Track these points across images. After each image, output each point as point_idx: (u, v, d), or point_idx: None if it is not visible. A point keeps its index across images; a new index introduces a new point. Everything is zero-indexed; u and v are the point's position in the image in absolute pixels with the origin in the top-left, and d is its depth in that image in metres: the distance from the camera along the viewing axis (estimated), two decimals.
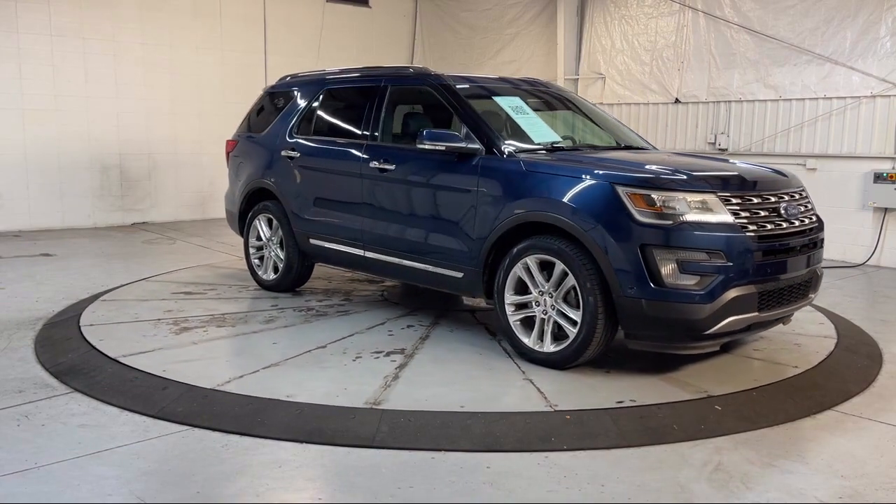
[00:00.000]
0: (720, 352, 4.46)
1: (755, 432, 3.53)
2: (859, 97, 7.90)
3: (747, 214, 4.02)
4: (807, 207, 4.46)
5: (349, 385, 3.94)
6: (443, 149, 4.68)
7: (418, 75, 5.34)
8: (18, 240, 8.83)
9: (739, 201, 4.03)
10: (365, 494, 2.89)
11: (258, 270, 6.27)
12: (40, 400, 3.79)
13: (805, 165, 8.23)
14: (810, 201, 4.57)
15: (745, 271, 3.90)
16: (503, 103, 5.07)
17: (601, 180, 4.07)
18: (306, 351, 4.51)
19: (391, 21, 12.64)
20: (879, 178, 7.69)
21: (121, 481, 2.95)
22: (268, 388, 3.85)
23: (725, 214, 3.94)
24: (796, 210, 4.29)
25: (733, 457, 3.26)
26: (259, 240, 6.26)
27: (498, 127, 4.87)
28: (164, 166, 10.59)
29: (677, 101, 9.50)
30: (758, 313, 4.01)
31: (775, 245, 4.06)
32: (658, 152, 5.49)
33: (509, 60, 11.47)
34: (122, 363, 4.23)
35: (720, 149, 9.00)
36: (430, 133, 4.66)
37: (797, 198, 4.41)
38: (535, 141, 4.81)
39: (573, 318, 4.11)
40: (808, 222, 4.36)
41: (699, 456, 3.27)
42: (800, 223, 4.28)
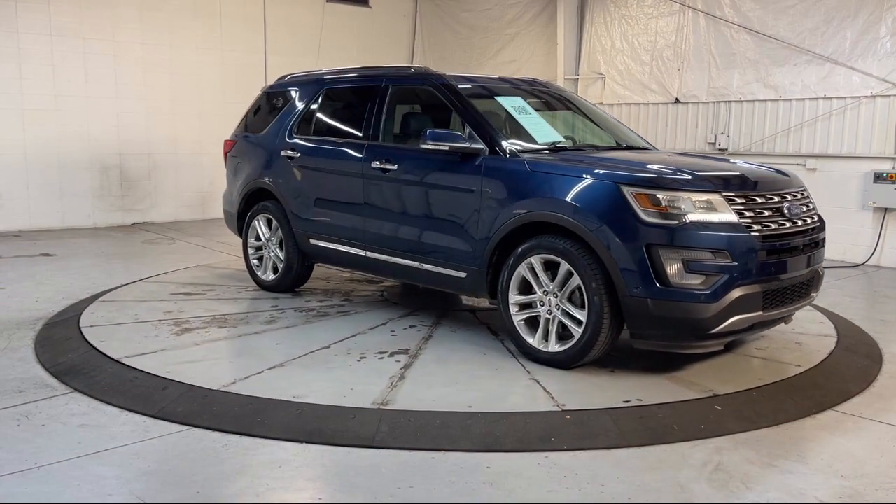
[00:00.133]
0: (723, 351, 4.46)
1: (755, 432, 3.53)
2: (859, 97, 7.89)
3: (751, 214, 4.03)
4: (808, 207, 4.48)
5: (356, 385, 3.93)
6: (446, 149, 4.68)
7: (420, 75, 5.33)
8: (18, 240, 8.83)
9: (743, 201, 4.04)
10: (365, 494, 2.89)
11: (257, 271, 6.26)
12: (40, 400, 3.79)
13: (805, 165, 8.23)
14: (812, 201, 4.59)
15: (750, 271, 3.91)
16: (505, 103, 5.07)
17: (606, 180, 4.07)
18: (310, 352, 4.50)
19: (391, 21, 12.63)
20: (879, 178, 7.69)
21: (121, 481, 2.95)
22: (273, 389, 3.84)
23: (730, 214, 3.95)
24: (799, 210, 4.30)
25: (733, 457, 3.26)
26: (258, 240, 6.24)
27: (500, 127, 4.88)
28: (164, 166, 10.60)
29: (677, 101, 9.50)
30: (762, 312, 4.02)
31: (779, 245, 4.07)
32: (660, 152, 5.49)
33: (509, 60, 11.47)
34: (122, 363, 4.23)
35: (720, 149, 8.99)
36: (434, 133, 4.66)
37: (799, 197, 4.42)
38: (537, 141, 4.81)
39: (578, 317, 4.11)
40: (810, 222, 4.38)
41: (699, 456, 3.27)
42: (802, 223, 4.29)
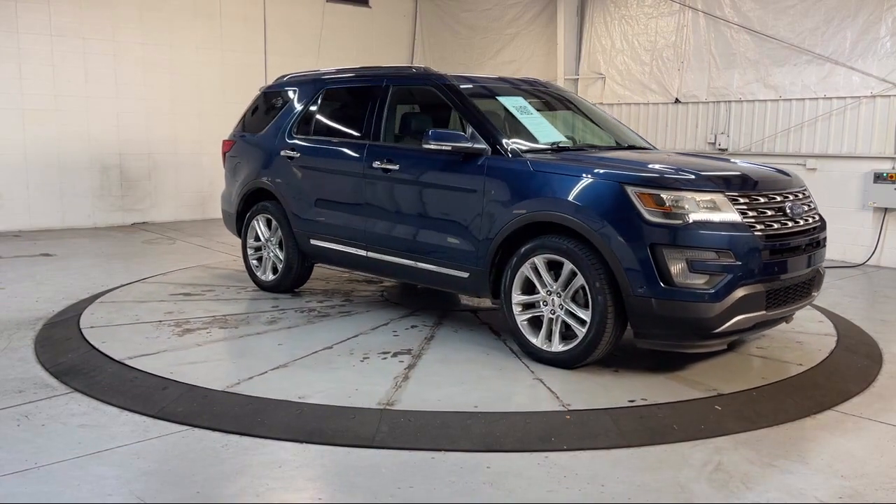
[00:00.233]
0: (725, 350, 4.47)
1: (755, 432, 3.53)
2: (859, 97, 7.89)
3: (754, 214, 4.04)
4: (810, 207, 4.49)
5: (360, 386, 3.92)
6: (449, 149, 4.67)
7: (421, 75, 5.33)
8: (18, 240, 8.83)
9: (746, 201, 4.05)
10: (365, 494, 2.89)
11: (257, 271, 6.25)
12: (40, 400, 3.79)
13: (805, 165, 8.23)
14: (813, 201, 4.60)
15: (753, 270, 3.92)
16: (506, 103, 5.06)
17: (610, 180, 4.07)
18: (313, 352, 4.50)
19: (391, 21, 12.63)
20: (879, 178, 7.69)
21: (121, 481, 2.95)
22: (278, 390, 3.84)
23: (733, 214, 3.96)
24: (800, 209, 4.31)
25: (733, 457, 3.26)
26: (258, 240, 6.24)
27: (502, 127, 4.87)
28: (164, 166, 10.60)
29: (677, 101, 9.50)
30: (765, 312, 4.02)
31: (781, 244, 4.08)
32: (661, 152, 5.49)
33: (509, 60, 11.47)
34: (123, 364, 4.22)
35: (720, 149, 8.99)
36: (436, 133, 4.65)
37: (801, 197, 4.44)
38: (539, 141, 4.81)
39: (582, 317, 4.11)
40: (811, 221, 4.39)
41: (699, 456, 3.27)
42: (804, 222, 4.30)
